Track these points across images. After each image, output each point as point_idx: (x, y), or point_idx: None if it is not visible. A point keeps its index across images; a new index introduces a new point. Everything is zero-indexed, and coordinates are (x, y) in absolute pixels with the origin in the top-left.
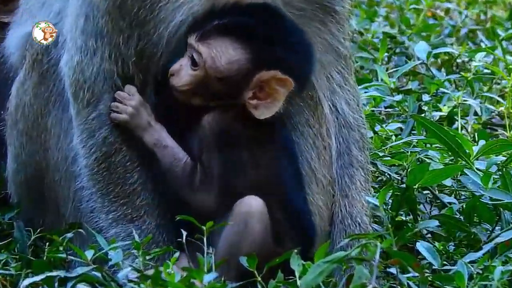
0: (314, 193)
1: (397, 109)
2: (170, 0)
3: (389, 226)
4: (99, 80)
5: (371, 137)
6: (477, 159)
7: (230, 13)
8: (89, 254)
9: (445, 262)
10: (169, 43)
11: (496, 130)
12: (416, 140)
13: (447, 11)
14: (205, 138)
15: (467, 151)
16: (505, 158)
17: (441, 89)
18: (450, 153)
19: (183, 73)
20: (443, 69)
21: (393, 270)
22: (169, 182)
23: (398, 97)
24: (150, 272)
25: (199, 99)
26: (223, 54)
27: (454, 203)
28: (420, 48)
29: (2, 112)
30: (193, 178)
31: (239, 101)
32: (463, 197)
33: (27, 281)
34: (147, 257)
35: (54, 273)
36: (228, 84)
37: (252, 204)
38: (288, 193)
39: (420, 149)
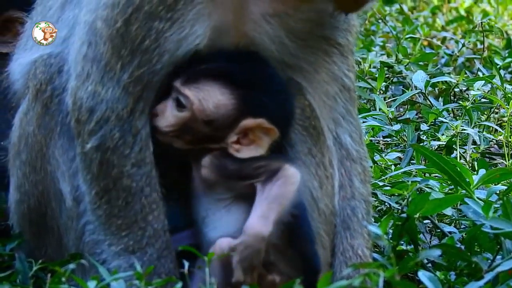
0: (316, 222)
1: (395, 138)
2: (175, 31)
3: (391, 255)
4: (92, 106)
5: (371, 167)
6: (477, 188)
7: (216, 58)
8: (92, 285)
9: None
10: (170, 71)
11: (495, 159)
12: (415, 170)
13: (443, 40)
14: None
15: (467, 180)
16: (505, 187)
17: (439, 118)
18: (450, 182)
19: (167, 114)
20: (440, 98)
21: None
22: None
23: (397, 127)
24: None
25: (181, 142)
26: (211, 97)
27: (455, 232)
28: (418, 78)
29: (2, 143)
30: None
31: (221, 145)
32: (463, 226)
33: None
34: None
35: None
36: (213, 127)
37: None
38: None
39: (420, 178)
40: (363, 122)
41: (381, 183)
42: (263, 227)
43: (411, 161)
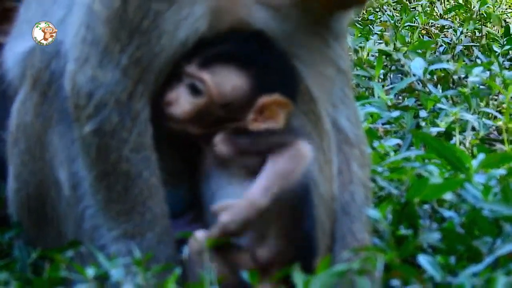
0: (317, 207)
1: (394, 125)
2: (174, 12)
3: (391, 239)
4: (91, 90)
5: (370, 153)
6: (476, 173)
7: (221, 41)
8: (90, 271)
9: (446, 275)
10: (174, 57)
11: (494, 145)
12: (415, 155)
13: (441, 28)
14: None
15: (467, 165)
16: (505, 172)
17: (438, 105)
18: (449, 168)
19: (182, 101)
20: (439, 86)
21: (395, 283)
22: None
23: (396, 113)
24: None
25: (196, 127)
26: (228, 80)
27: (454, 217)
28: (416, 65)
29: (1, 132)
30: None
31: (236, 125)
32: (463, 210)
33: None
34: (148, 274)
35: None
36: (229, 109)
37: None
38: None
39: (419, 164)
40: (362, 109)
41: (380, 169)
42: (261, 197)
43: (410, 147)
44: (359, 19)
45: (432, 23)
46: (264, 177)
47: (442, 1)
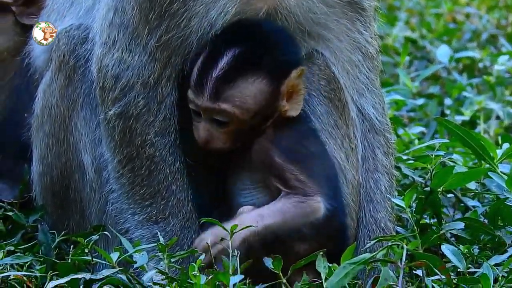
0: (345, 193)
1: (419, 113)
2: None
3: (415, 228)
4: (118, 73)
5: (394, 141)
6: (501, 162)
7: (216, 49)
8: (114, 256)
9: (469, 265)
10: (201, 39)
11: None
12: (439, 144)
13: (467, 15)
14: (272, 161)
15: (491, 154)
16: None
17: (463, 93)
18: (473, 156)
19: (216, 135)
20: (464, 74)
21: (418, 272)
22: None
23: (421, 101)
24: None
25: (241, 141)
26: (245, 96)
27: (478, 206)
28: (442, 52)
29: (27, 115)
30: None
31: (276, 114)
32: (487, 200)
33: (52, 283)
34: (172, 259)
35: (79, 275)
36: (260, 116)
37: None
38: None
39: (444, 152)
40: (387, 96)
41: (404, 157)
42: (251, 221)
43: (435, 135)
44: (385, 5)
45: (458, 10)
46: (269, 207)
47: None
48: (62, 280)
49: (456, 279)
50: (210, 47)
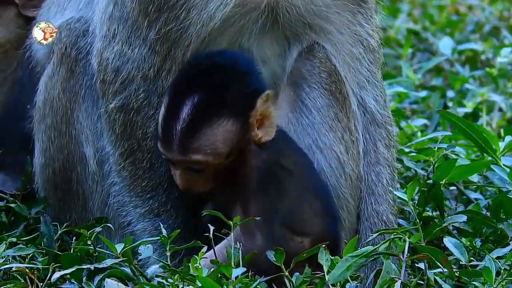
0: (342, 187)
1: (421, 105)
2: None
3: (417, 221)
4: (118, 66)
5: (396, 133)
6: (503, 155)
7: (181, 98)
8: (119, 247)
9: (471, 258)
10: (200, 31)
11: None
12: (441, 136)
13: (470, 7)
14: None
15: (494, 146)
16: None
17: (466, 85)
18: (476, 149)
19: (196, 181)
20: (467, 66)
21: (420, 265)
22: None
23: (423, 93)
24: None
25: (222, 178)
26: (215, 142)
27: (481, 199)
28: (445, 44)
29: (29, 107)
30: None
31: (251, 144)
32: (489, 193)
33: (57, 274)
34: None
35: (84, 266)
36: (236, 150)
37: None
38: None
39: (446, 145)
40: (389, 88)
41: (407, 149)
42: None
43: (437, 128)
44: None
45: (460, 1)
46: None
47: None
48: (66, 271)
49: (458, 272)
50: (170, 97)
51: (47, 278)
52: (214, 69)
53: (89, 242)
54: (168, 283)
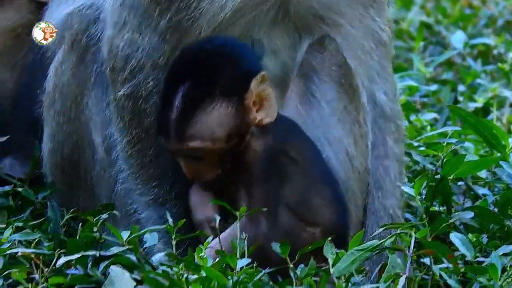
0: (350, 180)
1: (432, 98)
2: None
3: (424, 216)
4: (128, 54)
5: (406, 127)
6: None
7: (174, 87)
8: (125, 235)
9: (478, 254)
10: (211, 21)
11: None
12: (451, 131)
13: (483, 1)
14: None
15: (503, 143)
16: None
17: (477, 80)
18: (485, 145)
19: (201, 169)
20: (479, 60)
21: (426, 260)
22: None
23: (434, 87)
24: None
25: (228, 163)
26: (211, 127)
27: (489, 195)
28: (457, 38)
29: (39, 92)
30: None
31: (253, 127)
32: (497, 189)
33: (62, 260)
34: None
35: (89, 252)
36: (235, 133)
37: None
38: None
39: (456, 140)
40: (400, 81)
41: (416, 144)
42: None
43: (447, 122)
44: None
45: None
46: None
47: None
48: (72, 257)
49: (463, 268)
50: (164, 87)
51: (52, 263)
52: (204, 55)
53: (95, 229)
54: (173, 272)
